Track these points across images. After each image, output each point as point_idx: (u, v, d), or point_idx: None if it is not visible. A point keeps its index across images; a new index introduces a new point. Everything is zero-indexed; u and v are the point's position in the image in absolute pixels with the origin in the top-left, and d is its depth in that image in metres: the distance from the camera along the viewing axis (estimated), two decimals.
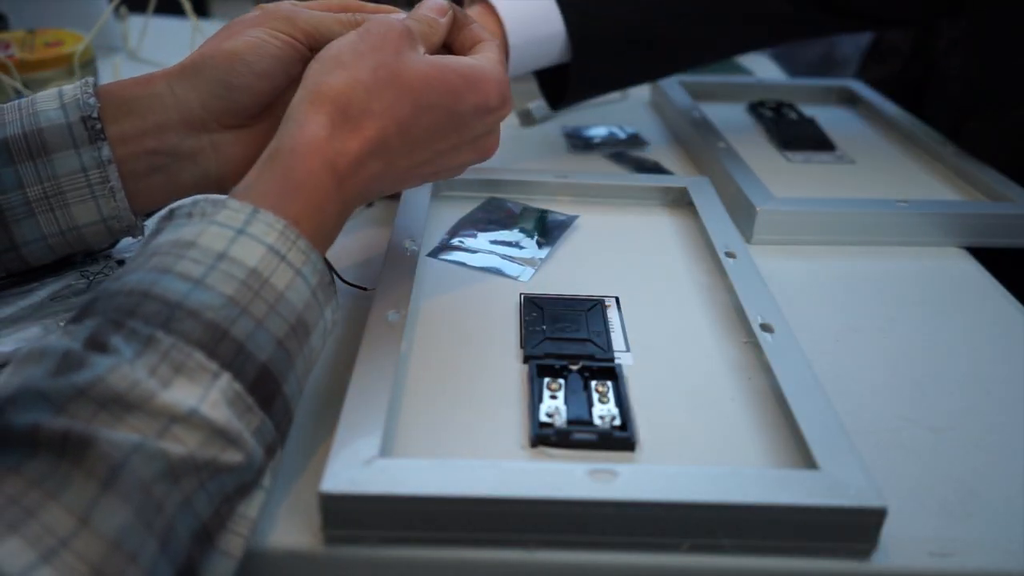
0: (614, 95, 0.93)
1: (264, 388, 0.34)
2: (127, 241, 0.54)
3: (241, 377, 0.33)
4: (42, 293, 0.47)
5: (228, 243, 0.34)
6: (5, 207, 0.43)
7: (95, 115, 0.43)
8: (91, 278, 0.48)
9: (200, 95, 0.44)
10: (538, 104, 0.84)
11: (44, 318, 0.45)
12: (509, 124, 0.83)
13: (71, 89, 0.44)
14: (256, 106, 0.45)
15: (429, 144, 0.42)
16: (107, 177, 0.43)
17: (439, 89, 0.41)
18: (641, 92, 0.94)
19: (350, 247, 0.56)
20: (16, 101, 0.44)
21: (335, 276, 0.51)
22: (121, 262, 0.50)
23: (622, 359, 0.44)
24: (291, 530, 0.35)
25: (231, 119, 0.45)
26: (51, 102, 0.43)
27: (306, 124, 0.38)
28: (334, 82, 0.39)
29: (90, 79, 0.45)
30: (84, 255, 0.51)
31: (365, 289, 0.51)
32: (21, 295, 0.46)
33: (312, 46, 0.45)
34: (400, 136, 0.41)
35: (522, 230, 0.57)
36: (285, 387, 0.35)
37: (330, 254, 0.52)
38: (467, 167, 0.46)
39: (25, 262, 0.45)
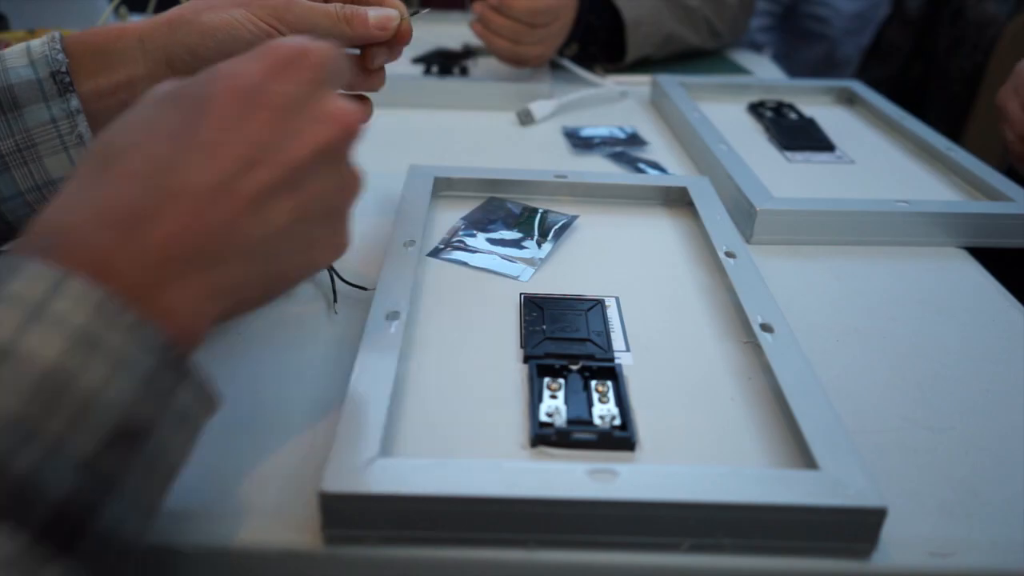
0: (613, 94, 0.93)
1: (63, 530, 0.26)
2: None
3: (28, 524, 0.25)
4: None
5: (15, 332, 0.26)
6: None
7: (64, 69, 0.43)
8: None
9: (168, 55, 0.45)
10: (538, 104, 0.84)
11: None
12: (509, 124, 0.84)
13: (39, 45, 0.44)
14: None
15: (221, 134, 0.31)
16: (75, 125, 0.44)
17: (189, 84, 0.33)
18: (641, 92, 0.94)
19: (350, 247, 0.56)
20: None
21: (335, 276, 0.51)
22: None
23: (622, 359, 0.44)
24: (291, 530, 0.35)
25: None
26: (20, 58, 0.44)
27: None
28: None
29: (56, 33, 0.45)
30: None
31: (365, 289, 0.51)
32: None
33: None
34: (160, 142, 0.31)
35: (522, 230, 0.57)
36: (97, 523, 0.26)
37: None
38: (333, 153, 0.34)
39: (6, 222, 0.45)
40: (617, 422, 0.39)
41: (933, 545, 0.36)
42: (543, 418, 0.39)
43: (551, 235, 0.56)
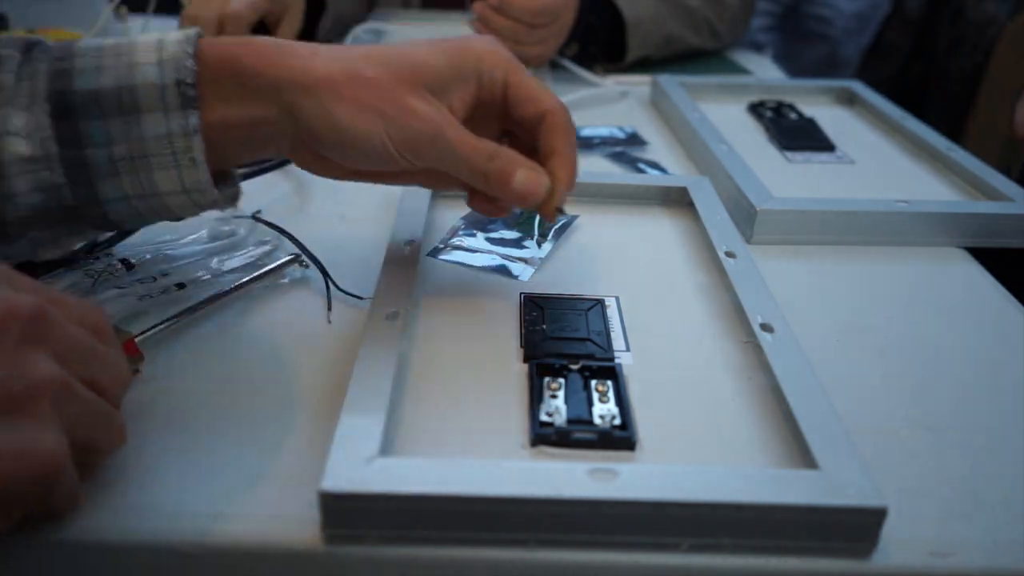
0: (613, 94, 0.93)
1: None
2: (133, 239, 0.54)
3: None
4: None
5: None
6: (92, 162, 0.41)
7: (191, 80, 0.41)
8: (96, 277, 0.48)
9: (294, 112, 0.42)
10: None
11: None
12: None
13: (173, 44, 0.42)
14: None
15: None
16: (191, 147, 0.42)
17: None
18: (641, 92, 0.94)
19: (349, 247, 0.56)
20: (115, 42, 0.42)
21: (329, 281, 0.51)
22: (124, 260, 0.50)
23: (622, 359, 0.44)
24: (291, 529, 0.35)
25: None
26: (149, 54, 0.41)
27: None
28: None
29: (193, 33, 0.42)
30: (87, 253, 0.51)
31: (361, 298, 0.51)
32: None
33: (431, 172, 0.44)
34: None
35: (522, 230, 0.57)
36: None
37: (331, 252, 0.53)
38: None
39: (110, 221, 0.44)
40: (617, 422, 0.39)
41: (933, 545, 0.36)
42: (543, 418, 0.39)
43: (551, 235, 0.56)
